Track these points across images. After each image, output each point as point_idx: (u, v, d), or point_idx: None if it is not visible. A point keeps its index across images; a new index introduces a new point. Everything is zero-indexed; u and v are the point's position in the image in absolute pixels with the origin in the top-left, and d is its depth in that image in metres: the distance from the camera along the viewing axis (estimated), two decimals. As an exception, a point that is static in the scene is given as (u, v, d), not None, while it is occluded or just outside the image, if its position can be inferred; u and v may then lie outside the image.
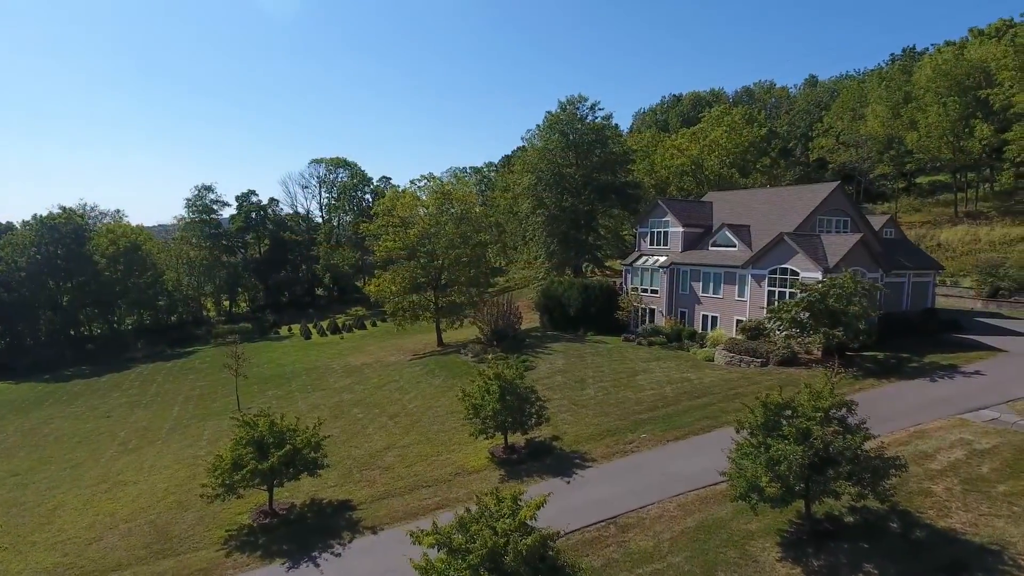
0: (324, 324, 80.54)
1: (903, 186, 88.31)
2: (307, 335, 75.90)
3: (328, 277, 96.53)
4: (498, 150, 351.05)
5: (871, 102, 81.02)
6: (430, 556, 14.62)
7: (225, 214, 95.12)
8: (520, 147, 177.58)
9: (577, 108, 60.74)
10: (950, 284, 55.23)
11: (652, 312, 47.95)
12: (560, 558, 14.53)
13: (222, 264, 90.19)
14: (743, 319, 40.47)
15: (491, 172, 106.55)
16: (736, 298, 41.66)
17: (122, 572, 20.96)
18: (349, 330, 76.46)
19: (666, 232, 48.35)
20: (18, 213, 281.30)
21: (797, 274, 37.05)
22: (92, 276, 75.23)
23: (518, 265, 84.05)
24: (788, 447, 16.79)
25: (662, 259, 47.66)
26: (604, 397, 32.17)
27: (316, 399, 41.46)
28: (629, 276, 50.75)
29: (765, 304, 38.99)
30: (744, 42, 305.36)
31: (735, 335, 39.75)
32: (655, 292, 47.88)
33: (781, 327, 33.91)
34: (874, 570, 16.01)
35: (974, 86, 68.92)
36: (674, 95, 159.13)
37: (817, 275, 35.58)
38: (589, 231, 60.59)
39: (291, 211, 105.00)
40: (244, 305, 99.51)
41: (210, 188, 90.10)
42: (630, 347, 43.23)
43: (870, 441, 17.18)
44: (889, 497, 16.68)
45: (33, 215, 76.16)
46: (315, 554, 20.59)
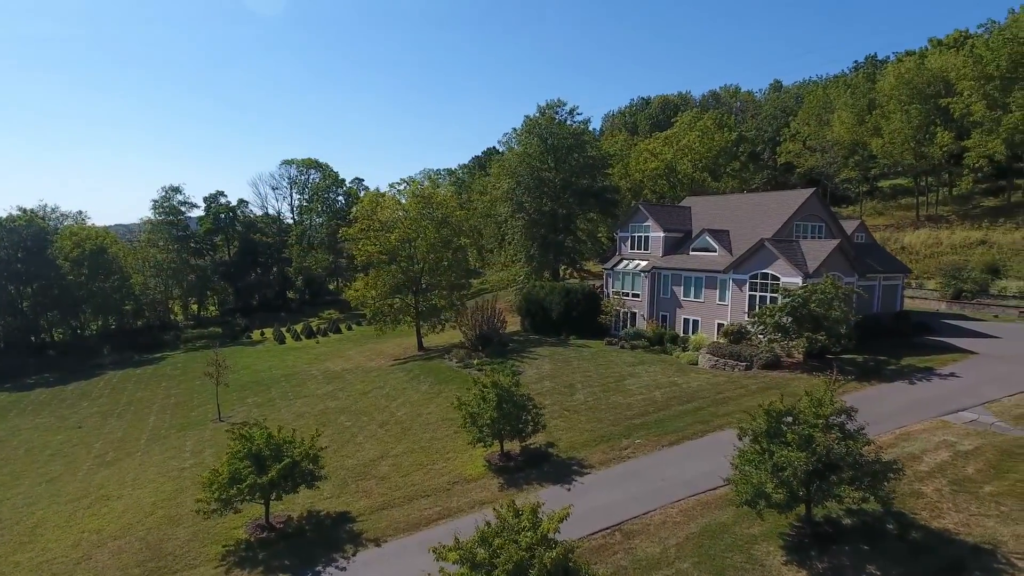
0: (298, 328, 79.31)
1: (866, 190, 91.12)
2: (281, 340, 74.65)
3: (300, 280, 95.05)
4: (468, 151, 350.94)
5: (837, 108, 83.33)
6: (450, 571, 14.65)
7: (194, 216, 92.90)
8: (491, 148, 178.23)
9: (556, 112, 61.11)
10: (915, 286, 57.20)
11: (634, 315, 48.54)
12: (583, 570, 14.67)
13: (190, 267, 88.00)
14: (725, 323, 41.28)
15: (465, 174, 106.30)
16: (717, 302, 42.49)
17: (118, 592, 20.44)
18: (324, 334, 75.38)
19: (647, 237, 49.01)
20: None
21: (778, 279, 37.97)
22: (54, 280, 72.68)
23: (495, 268, 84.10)
24: (792, 453, 17.24)
25: (643, 263, 48.30)
26: (595, 402, 32.46)
27: (300, 407, 40.86)
28: (610, 280, 51.30)
29: (747, 308, 39.88)
30: (710, 47, 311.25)
31: (717, 339, 40.51)
32: (636, 296, 48.50)
33: (765, 331, 34.76)
34: (877, 572, 16.59)
35: (935, 94, 71.52)
36: (642, 98, 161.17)
37: (797, 280, 36.52)
38: (568, 234, 61.02)
39: (261, 213, 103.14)
40: (213, 309, 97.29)
41: (178, 189, 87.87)
42: (614, 351, 43.67)
43: (869, 446, 17.80)
44: (889, 501, 17.28)
45: (-10, 217, 73.28)
46: (319, 569, 20.38)
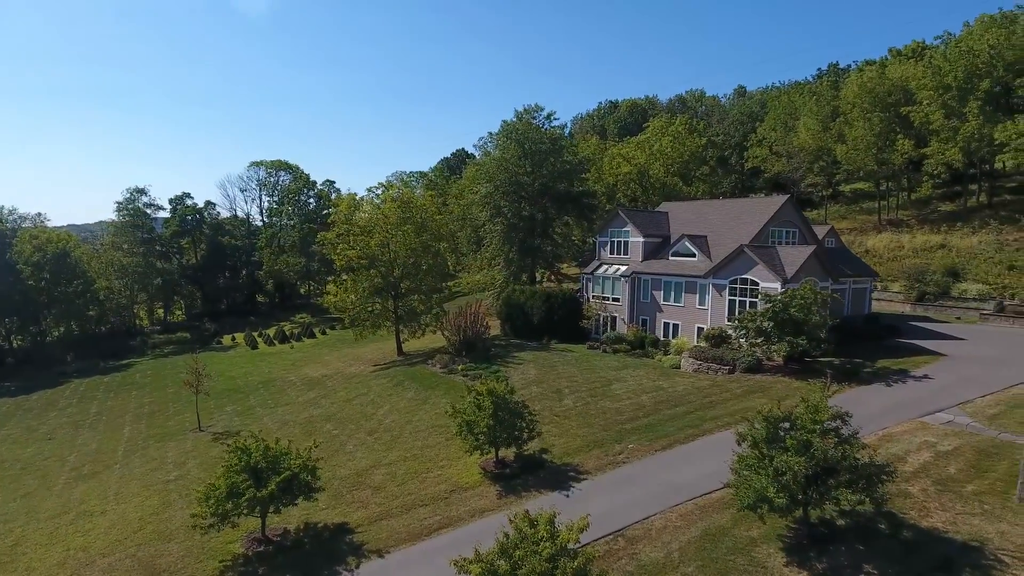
0: (270, 332, 78.17)
1: (830, 194, 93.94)
2: (253, 345, 73.40)
3: (271, 283, 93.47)
4: (435, 153, 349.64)
5: (803, 115, 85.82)
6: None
7: (161, 218, 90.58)
8: (460, 149, 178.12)
9: (533, 117, 61.50)
10: (880, 289, 59.28)
11: (614, 320, 49.21)
12: (603, 579, 14.96)
13: (157, 270, 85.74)
14: (705, 327, 42.19)
15: (437, 177, 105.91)
16: (697, 306, 43.39)
17: (115, 612, 19.97)
18: (298, 339, 74.43)
19: (626, 242, 49.73)
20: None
21: (757, 284, 39.01)
22: (14, 285, 70.00)
23: (472, 271, 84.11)
24: (791, 458, 17.84)
25: (623, 268, 49.01)
26: (584, 408, 32.88)
27: (282, 415, 40.33)
28: (590, 284, 51.89)
29: (727, 312, 40.86)
30: (676, 52, 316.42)
31: (698, 342, 41.41)
32: (616, 300, 49.18)
33: (747, 336, 35.70)
34: (874, 571, 17.29)
35: (895, 103, 74.23)
36: (611, 101, 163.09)
37: (776, 285, 37.59)
38: (546, 239, 61.47)
39: (230, 215, 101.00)
40: (179, 314, 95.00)
41: (143, 191, 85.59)
42: (596, 355, 44.23)
43: (864, 449, 18.54)
44: (884, 503, 18.04)
45: (-56, 220, 70.33)
46: (323, 582, 20.24)
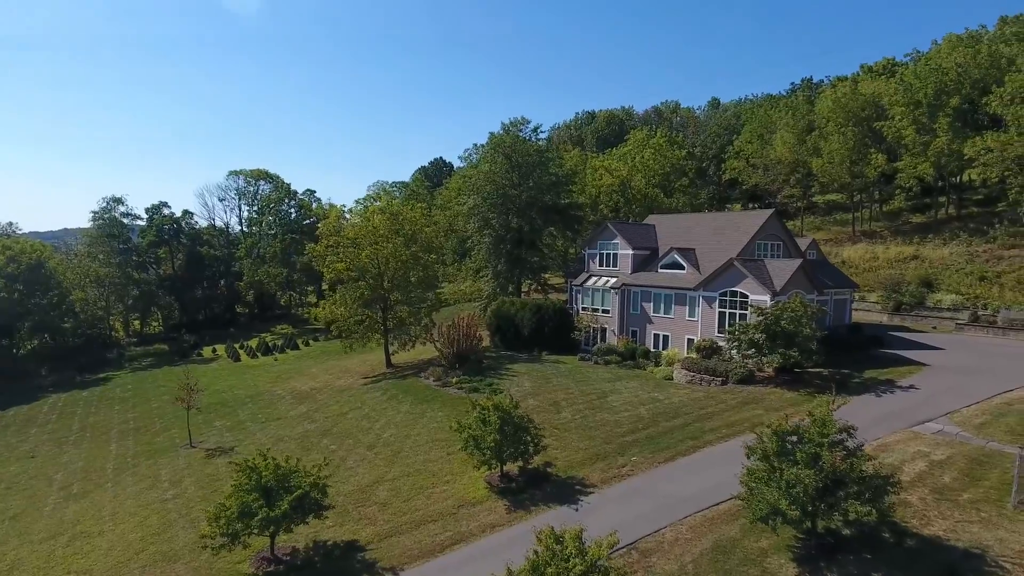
0: (252, 344, 77.14)
1: (805, 205, 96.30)
2: (236, 357, 72.37)
3: (251, 294, 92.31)
4: (414, 161, 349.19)
5: (779, 129, 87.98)
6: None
7: (137, 227, 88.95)
8: (438, 158, 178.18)
9: (520, 130, 62.10)
10: (858, 299, 60.96)
11: (604, 331, 49.82)
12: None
13: (133, 281, 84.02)
14: (695, 338, 42.99)
15: (420, 187, 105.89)
16: (687, 318, 44.20)
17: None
18: (281, 350, 73.53)
19: (615, 254, 50.45)
20: None
21: (747, 297, 39.94)
22: (-14, 297, 68.05)
23: (457, 281, 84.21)
24: (802, 471, 18.46)
25: (612, 280, 49.69)
26: (583, 420, 33.27)
27: (275, 430, 39.93)
28: (579, 296, 52.46)
29: (717, 324, 41.73)
30: (652, 63, 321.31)
31: (689, 354, 42.16)
32: (607, 312, 49.80)
33: (740, 348, 36.52)
34: (883, 580, 17.95)
35: (868, 118, 76.60)
36: (588, 112, 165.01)
37: (766, 298, 38.56)
38: (533, 250, 61.99)
39: (208, 224, 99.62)
40: (156, 325, 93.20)
41: (120, 200, 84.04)
42: (588, 367, 44.71)
43: (870, 462, 19.24)
44: (890, 513, 18.74)
45: (-89, 230, 68.17)
46: (340, 601, 20.23)
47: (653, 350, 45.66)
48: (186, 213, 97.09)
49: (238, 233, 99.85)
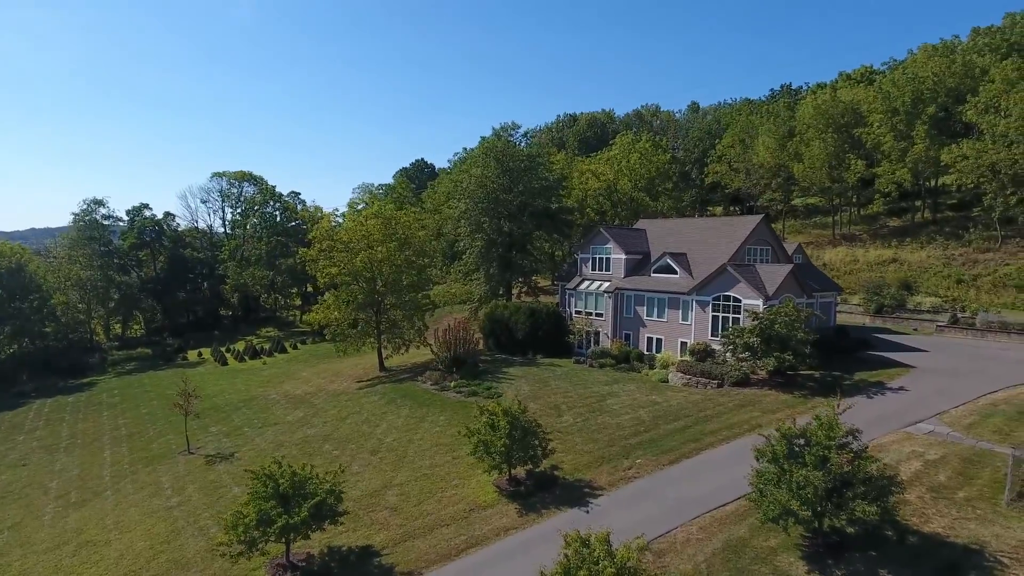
0: (239, 348, 76.52)
1: (786, 209, 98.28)
2: (223, 361, 71.79)
3: (236, 297, 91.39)
4: (395, 162, 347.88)
5: (760, 134, 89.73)
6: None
7: (119, 228, 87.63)
8: (420, 159, 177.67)
9: (511, 135, 62.62)
10: (841, 302, 62.58)
11: (597, 334, 50.56)
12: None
13: (115, 285, 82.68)
14: (688, 341, 43.90)
15: (405, 190, 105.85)
16: (681, 322, 45.09)
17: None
18: (269, 354, 73.12)
19: (608, 258, 51.21)
20: None
21: (740, 301, 40.94)
22: (-35, 302, 66.59)
23: (447, 283, 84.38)
24: (811, 473, 19.23)
25: (606, 284, 50.43)
26: (584, 424, 33.86)
27: (274, 436, 39.86)
28: (573, 300, 53.14)
29: (710, 328, 42.67)
30: (631, 66, 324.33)
31: (683, 357, 43.04)
32: (600, 315, 50.55)
33: (735, 351, 37.46)
34: (889, 574, 18.78)
35: (848, 124, 78.56)
36: (569, 115, 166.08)
37: (758, 302, 39.57)
38: (525, 254, 62.56)
39: (191, 226, 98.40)
40: (138, 328, 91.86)
41: (101, 202, 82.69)
42: (584, 369, 45.35)
43: (875, 463, 20.08)
44: (895, 512, 19.60)
45: None
46: (362, 606, 20.50)
47: (647, 353, 46.49)
48: (168, 215, 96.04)
49: (221, 235, 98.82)
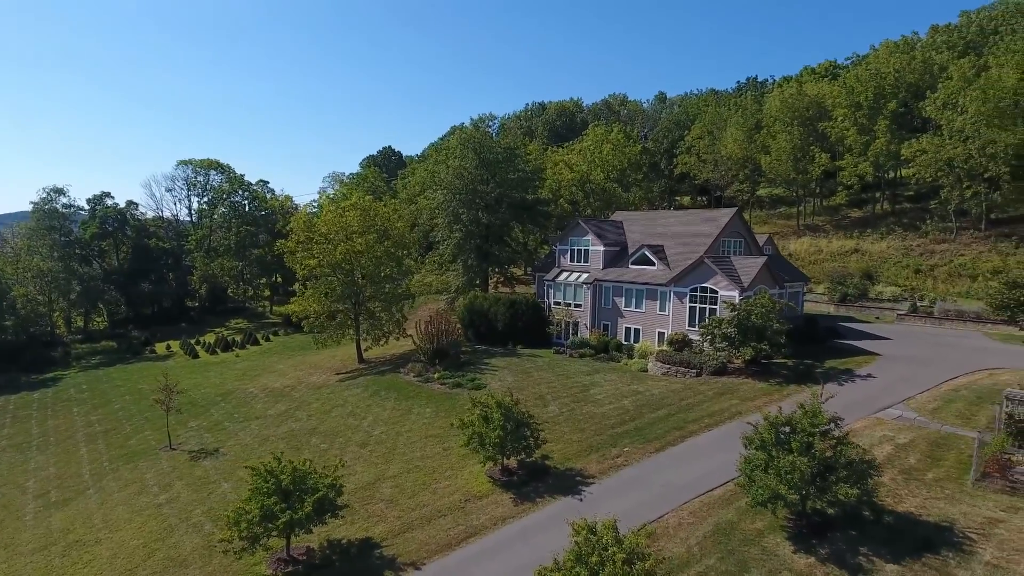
0: (210, 340, 75.35)
1: (752, 199, 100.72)
2: (193, 354, 70.60)
3: (204, 288, 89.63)
4: (359, 151, 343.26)
5: (729, 126, 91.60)
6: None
7: (86, 221, 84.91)
8: (387, 146, 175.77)
9: (488, 125, 62.77)
10: (807, 292, 64.81)
11: (576, 325, 51.46)
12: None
13: (77, 276, 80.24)
14: (666, 332, 45.11)
15: (377, 179, 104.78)
16: (658, 312, 46.28)
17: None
18: (242, 346, 72.17)
19: (587, 250, 52.08)
20: None
21: (716, 293, 42.25)
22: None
23: (422, 274, 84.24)
24: (797, 459, 20.36)
25: (584, 275, 51.32)
26: (570, 414, 34.70)
27: (258, 430, 39.72)
28: (551, 291, 53.90)
29: (687, 318, 43.94)
30: (598, 55, 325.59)
31: (661, 347, 44.24)
32: (579, 306, 51.45)
33: (713, 341, 38.75)
34: (869, 552, 20.06)
35: (813, 118, 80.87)
36: (538, 103, 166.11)
37: (735, 294, 40.93)
38: (502, 245, 63.04)
39: (156, 216, 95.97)
40: (100, 321, 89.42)
41: (62, 191, 79.96)
42: (565, 360, 46.21)
43: (855, 449, 21.34)
44: (874, 494, 20.90)
45: None
46: (369, 597, 20.95)
47: (625, 343, 47.61)
48: (130, 204, 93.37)
49: (188, 225, 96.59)
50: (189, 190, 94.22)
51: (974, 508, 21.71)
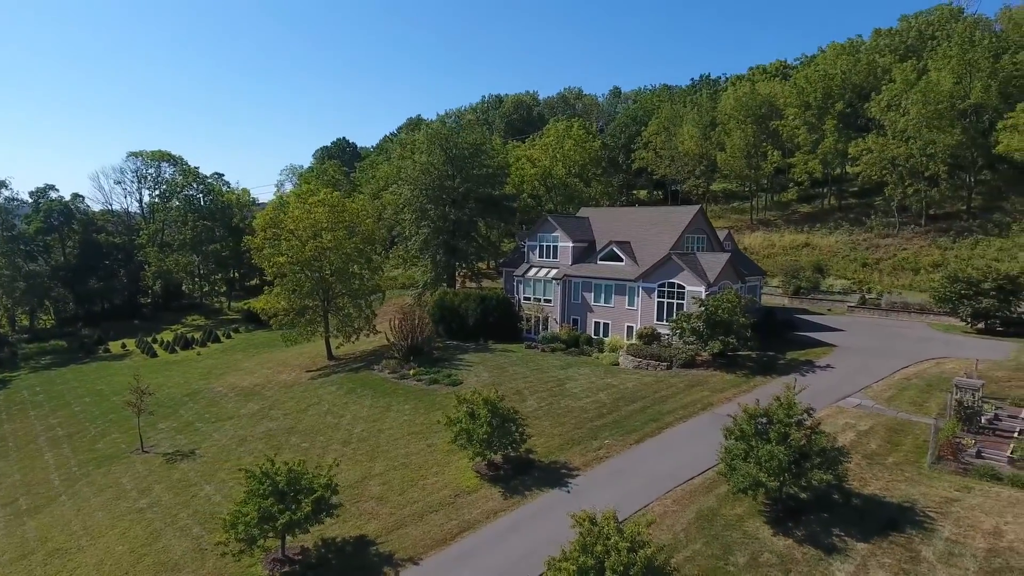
0: (167, 338, 73.45)
1: (707, 194, 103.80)
2: (151, 352, 68.76)
3: (159, 284, 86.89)
4: (311, 142, 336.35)
5: (685, 124, 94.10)
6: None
7: (29, 215, 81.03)
8: (341, 137, 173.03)
9: (456, 121, 62.97)
10: (763, 285, 67.61)
11: (546, 320, 52.51)
12: (670, 565, 17.91)
13: (21, 273, 76.74)
14: (635, 326, 46.59)
15: (337, 173, 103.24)
16: (627, 307, 47.70)
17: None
18: (202, 344, 70.65)
19: (555, 246, 53.09)
20: None
21: (684, 288, 43.89)
22: None
23: (387, 269, 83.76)
24: (775, 448, 21.84)
25: (554, 271, 52.35)
26: (549, 408, 35.69)
27: (233, 430, 39.33)
28: (521, 286, 54.75)
29: (655, 313, 45.50)
30: (552, 51, 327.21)
31: (631, 341, 45.70)
32: (548, 301, 52.49)
33: (682, 335, 40.35)
34: (841, 532, 21.70)
35: (765, 116, 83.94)
36: (495, 96, 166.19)
37: (701, 289, 42.64)
38: (469, 240, 63.51)
39: (104, 209, 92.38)
40: (48, 320, 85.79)
41: (4, 183, 76.19)
42: (537, 354, 47.20)
43: (827, 437, 22.96)
44: (845, 478, 22.59)
45: None
46: (372, 594, 21.43)
47: (595, 337, 48.91)
48: (76, 197, 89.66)
49: (139, 219, 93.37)
50: (140, 183, 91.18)
51: (932, 489, 23.66)
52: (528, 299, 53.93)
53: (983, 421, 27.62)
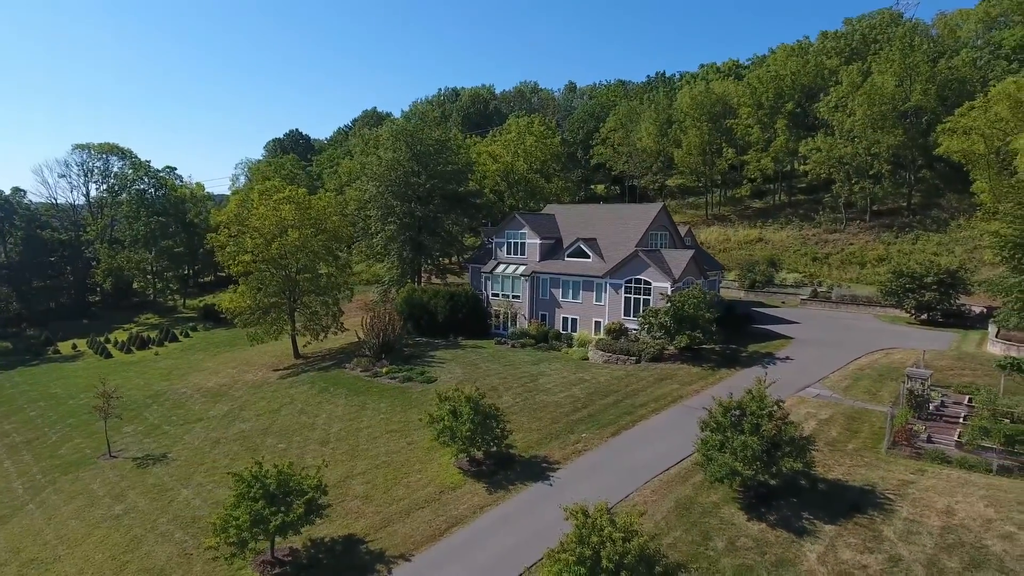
0: (122, 338, 71.17)
1: (662, 189, 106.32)
2: (105, 353, 66.57)
3: (109, 282, 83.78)
4: (263, 133, 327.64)
5: (642, 121, 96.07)
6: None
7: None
8: (294, 129, 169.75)
9: (422, 119, 62.90)
10: (721, 279, 70.03)
11: (515, 316, 53.30)
12: (661, 552, 18.97)
13: (-41, 272, 73.12)
14: (603, 322, 47.85)
15: (296, 167, 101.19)
16: (595, 303, 48.91)
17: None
18: (159, 343, 68.75)
19: (523, 243, 53.87)
20: None
21: (650, 284, 45.32)
22: None
23: (351, 264, 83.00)
24: (749, 439, 23.21)
25: (522, 268, 53.15)
26: (525, 403, 36.50)
27: (205, 433, 38.78)
28: (488, 282, 55.37)
29: (622, 309, 46.83)
30: (507, 42, 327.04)
31: (599, 336, 46.92)
32: (517, 297, 53.28)
33: (650, 330, 41.74)
34: (810, 516, 23.24)
35: (720, 115, 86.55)
36: (452, 89, 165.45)
37: (667, 285, 44.13)
38: (435, 236, 63.68)
39: (49, 204, 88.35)
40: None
41: (-62, 178, 71.99)
42: (508, 350, 47.97)
43: (796, 427, 24.48)
44: (812, 465, 24.16)
45: None
46: (367, 592, 21.85)
47: (564, 333, 49.99)
48: (16, 191, 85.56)
49: (86, 213, 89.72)
50: (86, 176, 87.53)
51: (890, 472, 25.50)
52: (496, 295, 54.61)
53: (932, 408, 29.77)
